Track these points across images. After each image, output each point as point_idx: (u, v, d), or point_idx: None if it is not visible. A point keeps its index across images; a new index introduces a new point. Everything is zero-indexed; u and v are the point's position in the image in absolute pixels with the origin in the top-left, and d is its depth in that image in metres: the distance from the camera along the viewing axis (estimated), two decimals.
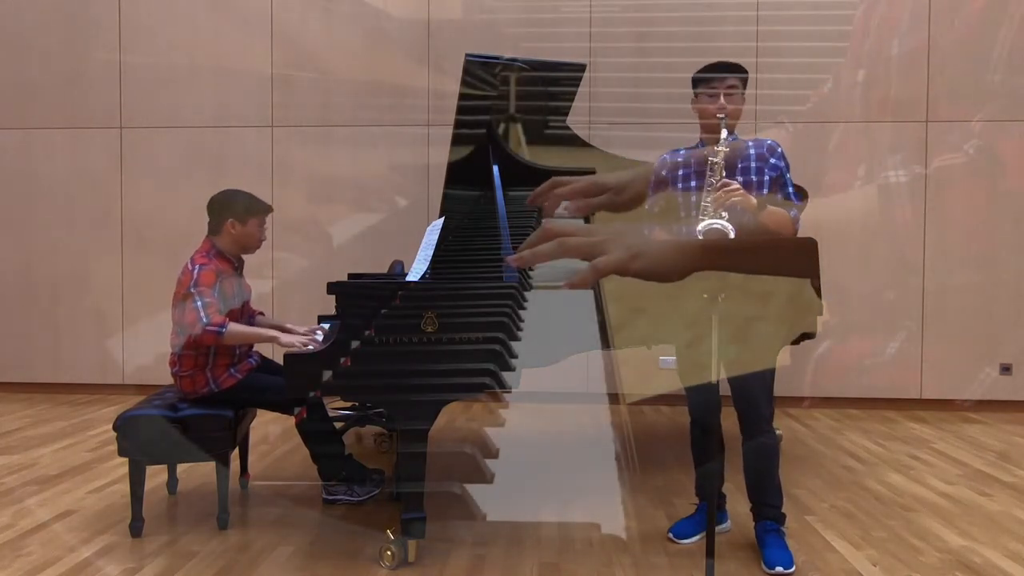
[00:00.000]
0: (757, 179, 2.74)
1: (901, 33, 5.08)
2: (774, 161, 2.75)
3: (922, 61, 5.07)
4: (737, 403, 2.72)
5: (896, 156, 5.09)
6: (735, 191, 2.53)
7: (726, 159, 2.60)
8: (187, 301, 3.03)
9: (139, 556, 2.77)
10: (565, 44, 5.23)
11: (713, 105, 2.76)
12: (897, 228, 5.09)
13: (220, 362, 3.15)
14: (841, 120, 5.12)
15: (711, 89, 2.80)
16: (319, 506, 3.31)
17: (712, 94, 2.79)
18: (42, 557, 2.75)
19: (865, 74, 5.11)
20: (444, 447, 4.17)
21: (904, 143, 5.08)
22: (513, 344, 2.63)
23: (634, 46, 5.22)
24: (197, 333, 3.00)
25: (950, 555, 2.79)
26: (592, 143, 4.34)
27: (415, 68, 5.31)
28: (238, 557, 2.77)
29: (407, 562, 2.69)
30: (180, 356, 3.12)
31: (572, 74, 4.22)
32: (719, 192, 2.53)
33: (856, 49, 5.10)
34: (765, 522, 2.76)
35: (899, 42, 5.07)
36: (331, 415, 3.53)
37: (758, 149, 2.79)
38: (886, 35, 5.10)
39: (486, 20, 5.30)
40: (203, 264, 3.11)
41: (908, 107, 5.08)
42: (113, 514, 3.17)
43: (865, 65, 5.11)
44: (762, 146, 2.80)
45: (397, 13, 5.35)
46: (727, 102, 2.75)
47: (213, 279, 3.09)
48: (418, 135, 5.30)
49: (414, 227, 4.90)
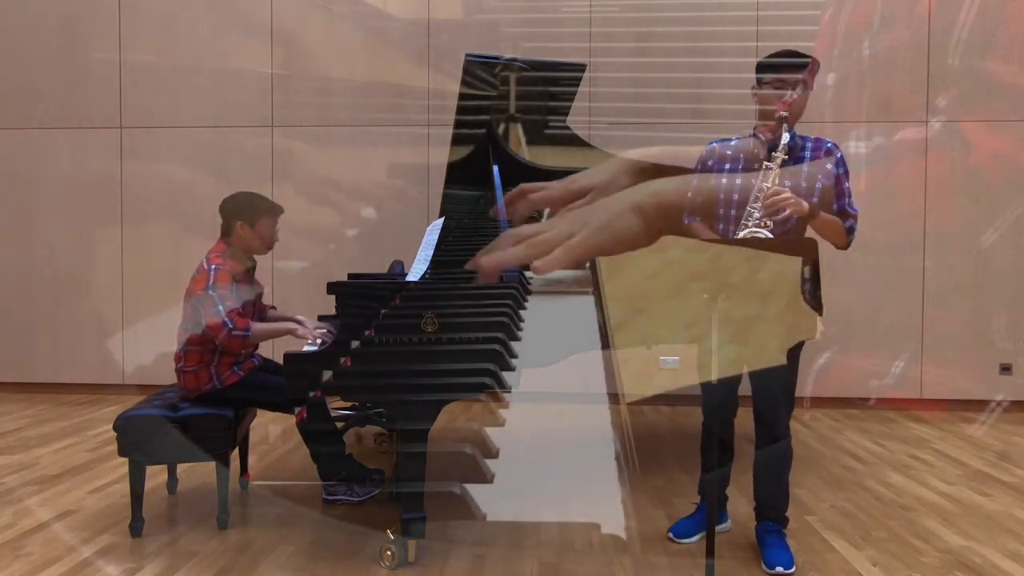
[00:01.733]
0: (807, 185, 2.57)
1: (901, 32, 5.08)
2: (831, 167, 2.59)
3: (922, 61, 5.06)
4: (757, 405, 2.68)
5: (896, 155, 5.09)
6: (786, 199, 2.40)
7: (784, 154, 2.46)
8: (205, 303, 3.05)
9: (139, 556, 2.77)
10: (565, 44, 5.23)
11: (778, 101, 2.55)
12: (897, 227, 5.09)
13: (225, 360, 3.16)
14: (842, 120, 5.11)
15: (777, 81, 2.59)
16: (319, 506, 3.31)
17: (778, 86, 2.58)
18: (42, 557, 2.75)
19: (864, 74, 5.10)
20: (444, 447, 4.17)
21: (904, 142, 5.08)
22: (513, 344, 2.63)
23: (634, 46, 5.22)
24: (222, 339, 3.03)
25: (950, 555, 2.79)
26: (592, 143, 4.34)
27: (415, 68, 5.31)
28: (238, 557, 2.77)
29: (407, 562, 2.69)
30: (185, 352, 3.13)
31: (572, 74, 4.22)
32: (769, 199, 2.42)
33: (854, 49, 5.10)
34: (767, 523, 2.76)
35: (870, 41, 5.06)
36: (332, 415, 3.53)
37: (815, 152, 2.62)
38: (887, 34, 5.10)
39: (486, 20, 5.30)
40: (219, 265, 3.12)
41: (908, 107, 5.08)
42: (113, 514, 3.17)
43: (866, 65, 5.11)
44: (820, 148, 2.63)
45: (397, 13, 5.35)
46: (792, 99, 2.55)
47: (229, 279, 3.10)
48: (418, 135, 5.30)
49: (414, 227, 4.90)
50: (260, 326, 3.16)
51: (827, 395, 5.15)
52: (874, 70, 5.09)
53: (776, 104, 2.58)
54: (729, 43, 5.09)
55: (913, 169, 5.08)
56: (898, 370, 5.11)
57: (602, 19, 5.24)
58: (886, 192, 5.07)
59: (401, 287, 2.74)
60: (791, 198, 2.45)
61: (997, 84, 5.02)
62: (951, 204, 5.07)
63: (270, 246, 3.31)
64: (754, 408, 2.70)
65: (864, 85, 5.11)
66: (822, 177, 2.61)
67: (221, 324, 3.01)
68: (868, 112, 5.10)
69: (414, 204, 5.29)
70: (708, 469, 2.92)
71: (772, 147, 2.57)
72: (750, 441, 2.79)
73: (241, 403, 3.19)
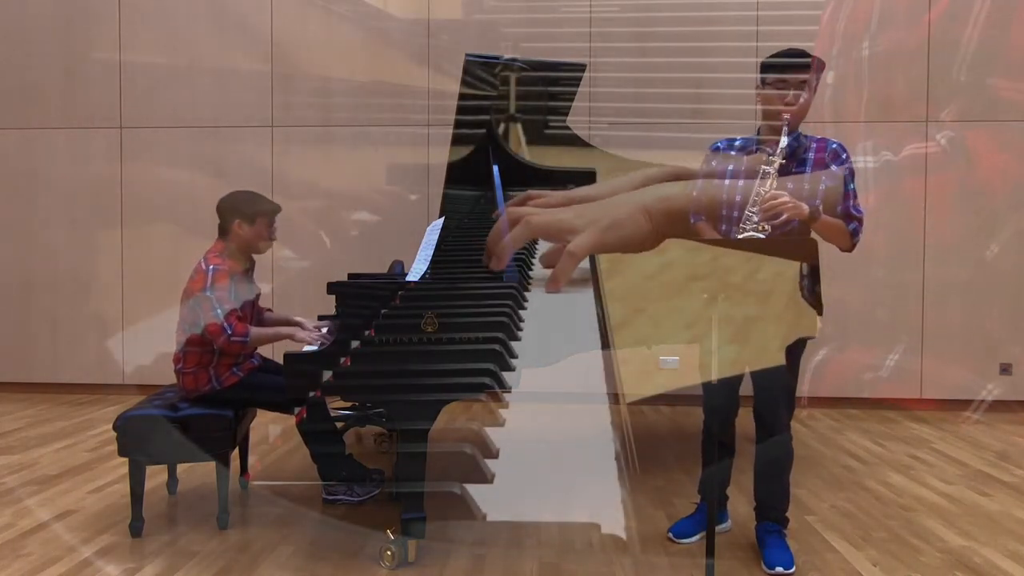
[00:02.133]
0: (810, 187, 2.55)
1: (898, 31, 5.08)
2: (835, 168, 2.56)
3: (922, 60, 5.06)
4: (758, 404, 2.68)
5: (896, 154, 5.09)
6: (783, 204, 2.39)
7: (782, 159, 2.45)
8: (203, 305, 3.04)
9: (139, 556, 2.77)
10: (565, 44, 5.23)
11: (780, 102, 2.54)
12: (896, 227, 5.09)
13: (224, 361, 3.15)
14: (842, 120, 5.11)
15: (781, 81, 2.56)
16: (319, 506, 3.31)
17: (782, 87, 2.56)
18: (42, 557, 2.75)
19: (863, 73, 5.10)
20: (444, 447, 4.17)
21: (904, 142, 5.08)
22: (513, 344, 2.63)
23: (634, 46, 5.22)
24: (221, 344, 3.03)
25: (950, 555, 2.79)
26: (592, 143, 4.34)
27: (415, 68, 5.31)
28: (238, 557, 2.77)
29: (407, 562, 2.69)
30: (184, 353, 3.13)
31: (572, 74, 4.22)
32: (767, 203, 2.41)
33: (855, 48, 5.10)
34: (767, 523, 2.76)
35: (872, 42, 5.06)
36: (332, 415, 3.53)
37: (819, 152, 2.59)
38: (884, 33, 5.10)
39: (486, 20, 5.30)
40: (216, 265, 3.11)
41: (907, 107, 5.08)
42: (113, 514, 3.17)
43: (864, 64, 5.11)
44: (824, 149, 2.61)
45: (397, 13, 5.35)
46: (795, 100, 2.53)
47: (227, 280, 3.09)
48: (418, 135, 5.30)
49: (414, 227, 4.90)
50: (259, 331, 3.15)
51: (827, 395, 5.15)
52: (874, 69, 5.09)
53: (779, 104, 2.56)
54: (729, 43, 5.09)
55: (914, 164, 5.08)
56: (893, 363, 5.11)
57: (602, 19, 5.24)
58: (887, 190, 5.06)
59: (401, 287, 2.74)
60: (789, 202, 2.43)
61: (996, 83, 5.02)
62: (951, 202, 5.07)
63: (268, 245, 3.30)
64: (755, 408, 2.69)
65: (863, 84, 5.10)
66: (826, 179, 2.58)
67: (220, 328, 3.01)
68: (867, 112, 5.10)
69: (414, 204, 5.29)
70: (707, 465, 2.91)
71: (771, 151, 2.57)
72: (751, 441, 2.79)
73: (241, 403, 3.18)
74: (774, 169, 2.49)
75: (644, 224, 1.68)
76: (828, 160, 2.60)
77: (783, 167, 2.53)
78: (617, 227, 1.51)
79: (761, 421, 2.68)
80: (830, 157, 2.61)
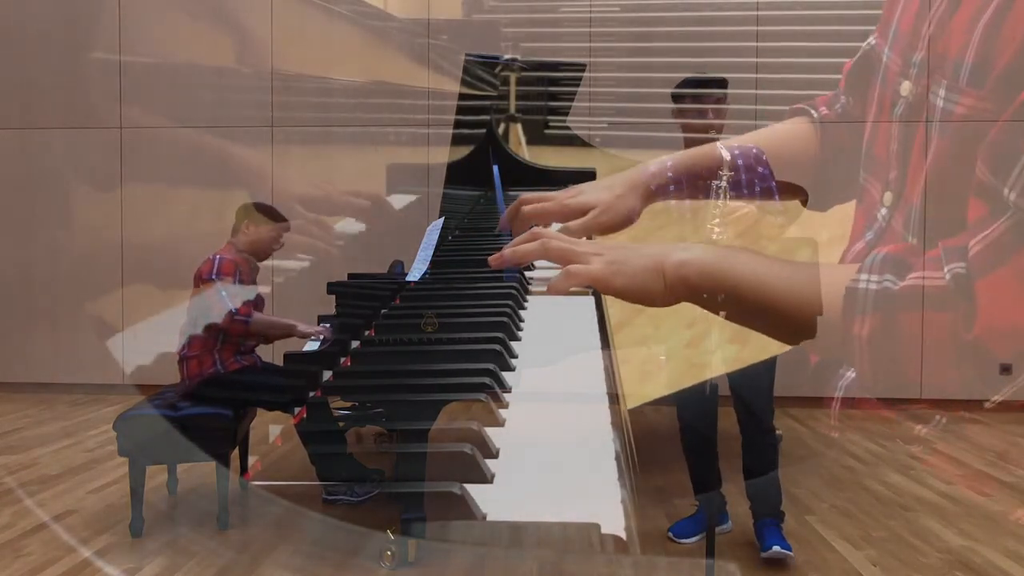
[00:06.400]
0: (748, 192, 2.62)
1: None
2: (762, 170, 2.63)
3: None
4: (737, 404, 2.71)
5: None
6: (746, 213, 2.48)
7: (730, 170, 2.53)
8: (208, 287, 3.14)
9: (139, 556, 2.77)
10: (565, 44, 5.23)
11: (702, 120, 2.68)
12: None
13: (228, 346, 3.21)
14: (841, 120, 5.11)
15: (698, 104, 2.71)
16: (319, 506, 3.31)
17: (701, 109, 2.70)
18: (42, 557, 2.75)
19: None
20: (444, 447, 4.16)
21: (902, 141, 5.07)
22: (513, 344, 2.63)
23: (634, 46, 5.22)
24: (223, 321, 3.09)
25: (950, 555, 2.79)
26: (592, 143, 4.34)
27: (415, 68, 5.31)
28: (238, 557, 2.77)
29: (407, 562, 2.69)
30: (189, 339, 3.18)
31: (572, 74, 4.22)
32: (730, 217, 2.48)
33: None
34: (764, 519, 2.77)
35: None
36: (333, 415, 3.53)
37: (746, 159, 2.66)
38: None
39: (486, 20, 5.30)
40: (223, 255, 3.23)
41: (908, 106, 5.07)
42: (113, 514, 3.17)
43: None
44: (748, 155, 2.67)
45: (397, 13, 5.35)
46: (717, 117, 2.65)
47: (234, 270, 3.20)
48: (418, 135, 5.30)
49: (414, 227, 4.89)
50: (262, 316, 3.27)
51: (827, 395, 5.14)
52: None
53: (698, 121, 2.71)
54: (729, 43, 5.09)
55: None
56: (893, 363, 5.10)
57: (602, 19, 5.24)
58: None
59: (401, 287, 2.75)
60: (748, 212, 2.55)
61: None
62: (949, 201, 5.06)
63: (272, 251, 3.42)
64: (734, 405, 2.72)
65: None
66: (758, 181, 2.67)
67: (223, 307, 3.10)
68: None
69: (414, 204, 5.29)
70: (698, 483, 2.93)
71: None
72: (737, 440, 2.80)
73: (241, 403, 3.19)
74: (725, 183, 2.55)
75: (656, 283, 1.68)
76: (754, 165, 2.72)
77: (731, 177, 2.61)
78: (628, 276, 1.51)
79: (741, 418, 2.72)
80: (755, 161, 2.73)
